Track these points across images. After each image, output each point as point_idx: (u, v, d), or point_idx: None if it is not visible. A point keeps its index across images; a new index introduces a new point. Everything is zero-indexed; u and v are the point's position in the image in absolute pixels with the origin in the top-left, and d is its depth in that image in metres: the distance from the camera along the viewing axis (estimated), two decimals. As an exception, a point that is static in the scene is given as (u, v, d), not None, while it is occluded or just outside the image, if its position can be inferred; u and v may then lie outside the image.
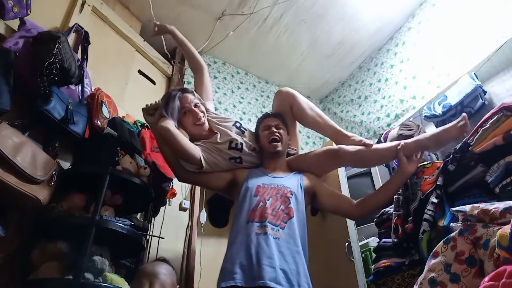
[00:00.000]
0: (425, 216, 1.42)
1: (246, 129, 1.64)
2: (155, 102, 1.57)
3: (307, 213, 1.48)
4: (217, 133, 1.56)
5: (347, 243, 1.62)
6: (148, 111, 1.56)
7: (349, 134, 1.59)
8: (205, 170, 1.47)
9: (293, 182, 1.48)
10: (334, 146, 1.57)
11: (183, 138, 1.43)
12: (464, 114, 1.40)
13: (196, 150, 1.46)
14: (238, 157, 1.54)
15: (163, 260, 1.46)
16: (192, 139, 1.57)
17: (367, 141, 1.52)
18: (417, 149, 1.47)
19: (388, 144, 1.52)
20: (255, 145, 1.60)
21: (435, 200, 1.41)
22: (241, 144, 1.54)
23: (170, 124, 1.43)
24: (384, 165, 2.58)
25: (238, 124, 1.64)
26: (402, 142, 1.45)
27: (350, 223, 1.73)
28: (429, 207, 1.43)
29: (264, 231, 1.28)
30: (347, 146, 1.51)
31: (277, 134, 1.57)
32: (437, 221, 1.38)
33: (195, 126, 1.56)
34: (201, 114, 1.56)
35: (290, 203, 1.39)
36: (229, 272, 1.22)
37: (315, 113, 1.65)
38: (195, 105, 1.57)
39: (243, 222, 1.34)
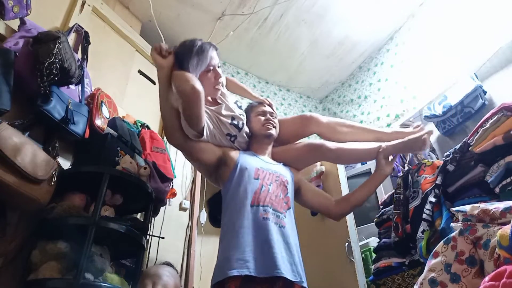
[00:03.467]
0: (424, 215, 1.43)
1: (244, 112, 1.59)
2: (173, 47, 1.36)
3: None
4: (221, 103, 1.47)
5: (347, 243, 1.62)
6: (160, 51, 1.31)
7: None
8: (202, 139, 1.35)
9: (287, 172, 1.46)
10: (317, 141, 1.57)
11: (202, 102, 1.29)
12: (431, 130, 1.51)
13: (204, 117, 1.34)
14: (234, 135, 1.46)
15: (168, 263, 1.46)
16: None
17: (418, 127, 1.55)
18: (395, 152, 1.50)
19: (369, 145, 1.52)
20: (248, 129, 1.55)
21: (433, 200, 1.41)
22: (242, 123, 1.49)
23: (199, 85, 1.25)
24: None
25: (239, 104, 1.59)
26: (383, 145, 1.48)
27: (350, 223, 1.74)
28: (427, 206, 1.43)
29: (270, 217, 1.24)
30: (329, 142, 1.52)
31: (272, 121, 1.53)
32: (435, 221, 1.39)
33: (213, 89, 1.43)
34: (223, 77, 1.47)
35: (288, 192, 1.38)
36: (240, 260, 1.13)
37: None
38: (219, 66, 1.45)
39: (246, 205, 1.26)
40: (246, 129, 1.51)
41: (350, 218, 1.72)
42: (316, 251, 1.85)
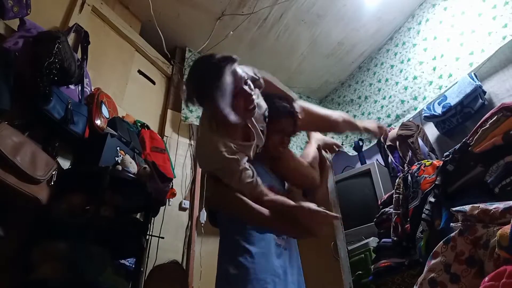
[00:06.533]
0: (423, 215, 1.43)
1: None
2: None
3: None
4: (252, 131, 1.26)
5: (333, 243, 1.63)
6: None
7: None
8: None
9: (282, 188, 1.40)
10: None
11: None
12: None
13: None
14: (251, 159, 1.25)
15: (175, 262, 1.47)
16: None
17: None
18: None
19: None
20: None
21: (433, 200, 1.42)
22: (261, 149, 1.32)
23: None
24: (383, 165, 2.59)
25: (267, 113, 1.32)
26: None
27: (337, 223, 1.73)
28: (427, 206, 1.44)
29: (281, 243, 1.24)
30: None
31: (288, 143, 1.40)
32: (434, 221, 1.39)
33: (246, 112, 1.18)
34: (254, 96, 1.19)
35: None
36: (261, 280, 1.10)
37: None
38: (245, 82, 1.19)
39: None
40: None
41: (335, 218, 1.73)
42: (304, 250, 1.88)
